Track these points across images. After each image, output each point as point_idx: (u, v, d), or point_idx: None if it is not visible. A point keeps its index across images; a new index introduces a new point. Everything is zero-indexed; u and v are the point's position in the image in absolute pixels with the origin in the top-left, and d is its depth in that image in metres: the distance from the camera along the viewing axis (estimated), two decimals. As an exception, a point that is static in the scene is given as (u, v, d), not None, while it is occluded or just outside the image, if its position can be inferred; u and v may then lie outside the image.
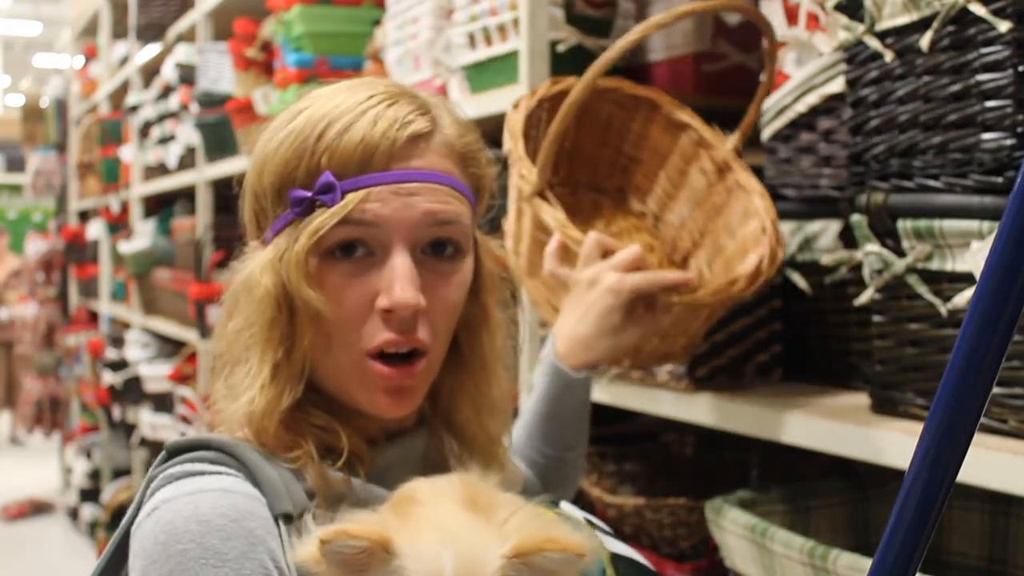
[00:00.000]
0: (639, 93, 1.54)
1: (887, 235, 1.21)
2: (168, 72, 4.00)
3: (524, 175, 1.34)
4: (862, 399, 1.34)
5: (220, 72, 3.37)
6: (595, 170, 1.60)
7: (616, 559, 0.96)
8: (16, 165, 10.11)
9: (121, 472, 5.42)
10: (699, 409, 1.44)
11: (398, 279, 0.93)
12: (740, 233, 1.44)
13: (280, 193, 0.95)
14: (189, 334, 3.75)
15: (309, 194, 0.93)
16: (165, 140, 4.13)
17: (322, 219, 0.92)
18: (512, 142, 1.38)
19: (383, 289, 0.94)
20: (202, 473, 0.91)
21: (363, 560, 0.80)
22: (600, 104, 1.53)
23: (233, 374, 0.98)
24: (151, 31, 4.26)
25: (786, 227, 1.56)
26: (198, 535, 0.86)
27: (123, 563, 0.94)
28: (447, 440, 1.08)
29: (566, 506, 1.02)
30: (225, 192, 3.34)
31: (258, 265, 0.96)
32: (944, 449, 0.65)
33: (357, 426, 0.99)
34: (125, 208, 5.04)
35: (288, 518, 0.90)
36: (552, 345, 1.27)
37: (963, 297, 1.13)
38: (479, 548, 0.80)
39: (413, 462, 1.04)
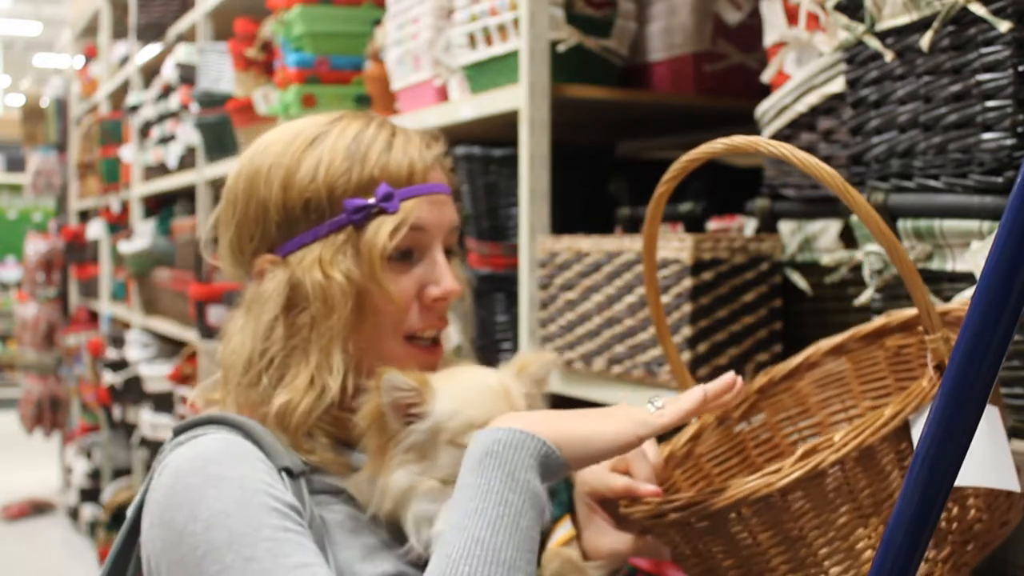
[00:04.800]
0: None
1: (887, 235, 1.21)
2: (168, 72, 4.00)
3: None
4: (862, 399, 1.34)
5: (220, 72, 3.37)
6: None
7: None
8: (16, 165, 10.10)
9: (121, 472, 5.42)
10: (699, 409, 1.43)
11: (445, 272, 1.10)
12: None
13: (330, 203, 1.06)
14: (189, 334, 3.75)
15: (371, 202, 1.06)
16: (165, 140, 4.12)
17: (397, 220, 1.06)
18: None
19: (432, 281, 1.10)
20: (205, 434, 1.01)
21: (412, 402, 1.00)
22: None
23: (284, 367, 1.05)
24: (151, 31, 4.26)
25: (786, 227, 1.56)
26: (200, 467, 0.96)
27: (134, 550, 1.03)
28: None
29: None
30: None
31: (315, 264, 1.05)
32: (944, 449, 0.65)
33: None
34: (125, 208, 5.04)
35: (289, 472, 0.99)
36: None
37: (963, 297, 1.13)
38: (505, 379, 1.06)
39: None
